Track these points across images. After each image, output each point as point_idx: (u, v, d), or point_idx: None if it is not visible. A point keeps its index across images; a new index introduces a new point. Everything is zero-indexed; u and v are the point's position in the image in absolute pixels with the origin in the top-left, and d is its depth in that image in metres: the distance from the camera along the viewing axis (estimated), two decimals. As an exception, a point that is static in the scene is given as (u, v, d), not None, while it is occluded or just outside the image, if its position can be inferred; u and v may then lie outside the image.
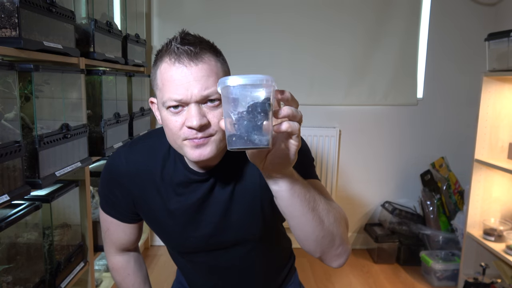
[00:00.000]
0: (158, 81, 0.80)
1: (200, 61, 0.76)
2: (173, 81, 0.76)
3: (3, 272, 1.20)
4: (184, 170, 0.89)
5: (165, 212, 0.93)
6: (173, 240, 0.99)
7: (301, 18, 2.57)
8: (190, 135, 0.78)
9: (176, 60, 0.76)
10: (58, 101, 1.42)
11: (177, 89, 0.76)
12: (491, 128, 2.07)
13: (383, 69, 2.63)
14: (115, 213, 1.00)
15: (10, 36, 1.14)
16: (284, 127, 0.63)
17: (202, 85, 0.76)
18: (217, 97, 0.77)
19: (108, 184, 0.97)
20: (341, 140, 2.72)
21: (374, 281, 2.38)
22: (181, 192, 0.91)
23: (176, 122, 0.79)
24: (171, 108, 0.78)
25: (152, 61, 2.59)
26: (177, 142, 0.81)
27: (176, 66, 0.76)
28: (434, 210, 2.53)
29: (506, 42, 1.87)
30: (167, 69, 0.77)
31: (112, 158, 0.97)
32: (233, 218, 0.92)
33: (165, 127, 0.83)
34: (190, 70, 0.76)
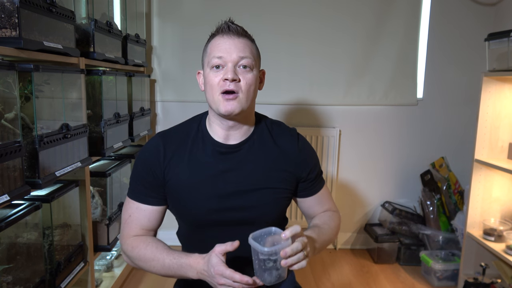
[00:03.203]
0: (208, 49, 1.04)
1: (242, 37, 1.03)
2: (219, 45, 1.02)
3: (3, 272, 1.20)
4: (214, 145, 1.07)
5: (194, 180, 1.05)
6: (194, 209, 1.07)
7: (301, 18, 2.57)
8: (224, 86, 1.00)
9: (225, 33, 1.02)
10: (58, 101, 1.42)
11: (221, 50, 1.01)
12: (491, 128, 2.08)
13: (383, 69, 2.63)
14: (143, 196, 1.08)
15: (10, 36, 1.14)
16: (292, 267, 0.92)
17: (239, 51, 1.01)
18: (249, 65, 1.02)
19: (143, 166, 1.09)
20: (341, 140, 2.72)
21: (374, 281, 2.38)
22: (211, 160, 1.06)
23: (216, 78, 1.01)
24: (214, 68, 1.01)
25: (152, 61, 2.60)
26: (215, 96, 1.01)
27: (224, 36, 1.02)
28: (434, 210, 2.53)
29: (506, 42, 1.87)
30: (217, 39, 1.03)
31: (147, 143, 1.12)
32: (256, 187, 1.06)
33: (206, 85, 1.04)
34: (233, 40, 1.02)
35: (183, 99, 2.67)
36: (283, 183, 1.09)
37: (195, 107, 2.65)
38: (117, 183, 2.03)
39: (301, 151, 1.12)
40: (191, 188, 1.05)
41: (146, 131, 2.43)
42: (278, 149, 1.10)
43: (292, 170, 1.10)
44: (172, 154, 1.07)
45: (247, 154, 1.07)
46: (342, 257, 2.70)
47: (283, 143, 1.11)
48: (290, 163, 1.10)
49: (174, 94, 2.68)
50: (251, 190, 1.05)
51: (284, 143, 1.11)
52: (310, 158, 1.14)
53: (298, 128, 2.64)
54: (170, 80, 2.67)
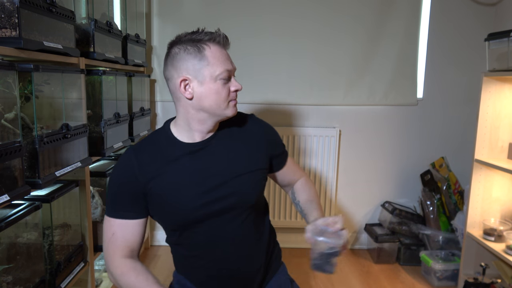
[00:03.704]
0: (210, 59, 1.05)
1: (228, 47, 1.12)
2: (221, 57, 1.06)
3: (3, 272, 1.20)
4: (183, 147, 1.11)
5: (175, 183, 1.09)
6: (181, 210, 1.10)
7: (301, 18, 2.57)
8: (234, 97, 1.10)
9: (224, 43, 1.08)
10: (58, 101, 1.42)
11: (227, 63, 1.07)
12: (491, 128, 2.07)
13: (383, 69, 2.63)
14: (124, 212, 1.09)
15: (10, 36, 1.14)
16: None
17: (231, 61, 1.11)
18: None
19: (119, 185, 1.10)
20: (341, 140, 2.72)
21: (374, 281, 2.38)
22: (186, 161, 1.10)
23: (226, 89, 1.07)
24: (223, 80, 1.06)
25: (152, 61, 2.59)
26: (223, 105, 1.08)
27: (222, 48, 1.08)
28: (434, 210, 2.53)
29: (506, 42, 1.87)
30: (218, 50, 1.07)
31: (121, 160, 1.13)
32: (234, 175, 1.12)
33: (212, 95, 1.06)
34: (225, 51, 1.10)
35: (183, 99, 2.67)
36: (258, 164, 1.17)
37: (195, 107, 2.65)
38: (117, 183, 2.02)
39: (266, 132, 1.22)
40: (173, 191, 1.09)
41: (146, 131, 2.43)
42: (245, 134, 1.18)
43: (264, 150, 1.19)
44: (148, 165, 1.09)
45: (218, 146, 1.13)
46: (342, 257, 2.70)
47: (249, 128, 1.19)
48: (260, 144, 1.19)
49: (174, 94, 2.67)
50: (231, 178, 1.11)
51: (249, 128, 1.19)
52: (275, 135, 1.26)
53: (298, 128, 2.67)
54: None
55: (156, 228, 2.79)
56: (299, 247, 2.73)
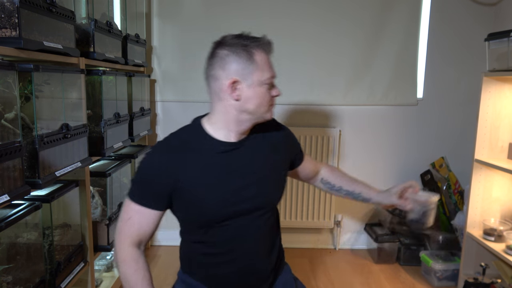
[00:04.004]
0: (259, 64, 1.10)
1: None
2: (268, 63, 1.13)
3: (3, 272, 1.20)
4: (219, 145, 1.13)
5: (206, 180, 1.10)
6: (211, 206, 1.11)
7: (302, 19, 2.57)
8: (273, 101, 1.17)
9: (270, 50, 1.15)
10: (58, 101, 1.42)
11: (272, 70, 1.14)
12: (491, 128, 2.07)
13: (383, 69, 2.63)
14: (145, 200, 1.10)
15: (10, 36, 1.14)
16: None
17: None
18: None
19: (148, 173, 1.10)
20: (341, 140, 2.72)
21: (374, 281, 2.38)
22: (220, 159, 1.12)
23: (269, 94, 1.13)
24: (268, 85, 1.12)
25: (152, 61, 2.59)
26: (263, 108, 1.13)
27: (268, 55, 1.14)
28: (434, 210, 2.53)
29: (506, 42, 1.87)
30: (265, 55, 1.13)
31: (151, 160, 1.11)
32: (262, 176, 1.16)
33: (258, 98, 1.11)
34: (269, 57, 1.15)
35: (183, 99, 2.67)
36: (282, 166, 1.25)
37: (195, 107, 2.65)
38: (117, 183, 2.03)
39: (287, 135, 1.31)
40: (205, 188, 1.10)
41: (146, 131, 2.43)
42: (271, 137, 1.24)
43: (288, 152, 1.29)
44: (182, 159, 1.09)
45: (250, 148, 1.17)
46: (342, 257, 2.70)
47: (273, 131, 1.26)
48: (284, 147, 1.27)
49: (174, 94, 2.68)
50: (259, 179, 1.15)
51: (274, 132, 1.26)
52: (293, 137, 1.35)
53: (298, 128, 2.67)
54: (170, 80, 2.67)
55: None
56: (299, 247, 2.73)
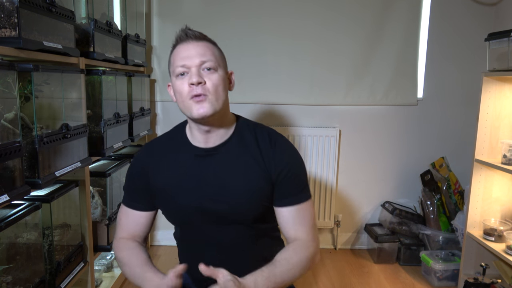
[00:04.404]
0: (171, 59, 1.07)
1: (201, 41, 1.05)
2: (180, 53, 1.04)
3: (3, 272, 1.20)
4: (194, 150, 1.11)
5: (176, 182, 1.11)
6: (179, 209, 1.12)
7: (302, 19, 2.57)
8: (192, 91, 1.01)
9: (183, 40, 1.05)
10: (58, 101, 1.42)
11: (183, 58, 1.03)
12: (491, 128, 2.07)
13: (383, 69, 2.63)
14: (130, 202, 1.17)
15: (10, 36, 1.14)
16: None
17: (200, 55, 1.03)
18: (212, 66, 1.03)
19: (130, 175, 1.18)
20: (341, 140, 2.72)
21: (374, 281, 2.38)
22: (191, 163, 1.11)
23: (183, 84, 1.03)
24: (179, 76, 1.03)
25: (152, 61, 2.60)
26: (185, 103, 1.03)
27: (184, 44, 1.05)
28: (434, 210, 2.53)
29: (506, 42, 1.87)
30: (178, 48, 1.05)
31: (137, 153, 1.22)
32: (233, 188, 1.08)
33: (176, 94, 1.06)
34: (192, 45, 1.04)
35: (183, 99, 2.67)
36: (260, 184, 1.08)
37: (195, 107, 2.65)
38: (117, 183, 2.03)
39: (274, 147, 1.09)
40: (174, 191, 1.11)
41: (146, 131, 2.43)
42: (258, 150, 1.10)
43: (264, 166, 1.08)
44: (157, 161, 1.14)
45: (226, 156, 1.09)
46: (342, 257, 2.70)
47: (261, 142, 1.11)
48: (263, 160, 1.08)
49: (174, 94, 2.67)
50: (228, 191, 1.08)
51: (261, 143, 1.11)
52: (285, 156, 1.09)
53: (298, 128, 2.67)
54: (170, 80, 2.67)
55: (156, 228, 2.79)
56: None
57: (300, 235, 1.09)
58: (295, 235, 1.09)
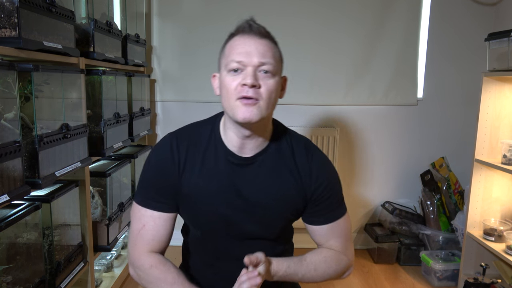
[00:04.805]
0: (226, 50, 0.96)
1: (264, 39, 0.95)
2: (238, 46, 0.93)
3: (3, 272, 1.20)
4: (225, 154, 1.01)
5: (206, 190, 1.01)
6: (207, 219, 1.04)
7: (302, 18, 2.57)
8: (242, 91, 0.91)
9: (245, 33, 0.94)
10: (58, 101, 1.42)
11: (241, 54, 0.92)
12: (491, 128, 2.07)
13: (383, 69, 2.63)
14: (157, 203, 1.02)
15: (10, 36, 1.14)
16: None
17: (261, 54, 0.92)
18: (271, 70, 0.93)
19: (157, 169, 1.03)
20: (341, 140, 2.72)
21: (374, 281, 2.38)
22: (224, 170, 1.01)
23: (234, 82, 0.92)
24: (232, 72, 0.93)
25: (152, 61, 2.59)
26: (231, 102, 0.93)
27: (245, 37, 0.94)
28: (434, 210, 2.53)
29: (506, 42, 1.87)
30: (236, 40, 0.95)
31: (160, 146, 1.05)
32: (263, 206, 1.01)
33: (223, 89, 0.95)
34: (254, 41, 0.93)
35: (183, 99, 2.67)
36: (292, 198, 1.02)
37: (195, 107, 2.66)
38: (117, 183, 2.03)
39: (311, 161, 1.03)
40: (202, 196, 1.01)
41: (146, 131, 2.43)
42: (294, 162, 1.03)
43: (300, 181, 1.02)
44: (186, 158, 1.01)
45: (260, 169, 1.01)
46: (342, 257, 2.70)
47: (297, 155, 1.04)
48: (299, 173, 1.02)
49: (174, 94, 2.67)
50: (259, 206, 1.01)
51: (297, 155, 1.04)
52: (322, 171, 1.03)
53: (298, 128, 2.67)
54: (170, 80, 2.67)
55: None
56: (299, 247, 2.72)
57: (336, 248, 1.08)
58: (330, 247, 1.08)
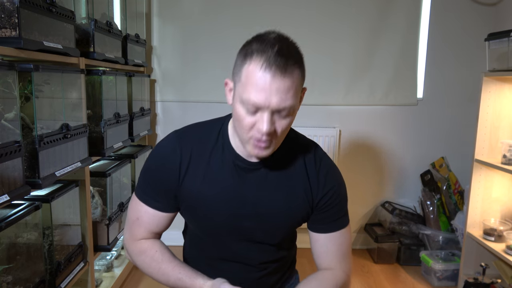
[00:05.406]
0: (243, 76, 0.85)
1: (287, 75, 0.82)
2: (257, 85, 0.82)
3: (3, 272, 1.20)
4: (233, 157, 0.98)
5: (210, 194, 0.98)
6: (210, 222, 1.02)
7: (302, 19, 2.57)
8: (257, 137, 0.86)
9: (267, 68, 0.81)
10: (58, 101, 1.42)
11: (259, 94, 0.81)
12: (491, 128, 2.07)
13: (383, 69, 2.63)
14: (153, 201, 1.01)
15: (10, 36, 1.14)
16: None
17: (281, 97, 0.82)
18: (289, 112, 0.86)
19: (158, 169, 1.00)
20: (341, 140, 2.72)
21: (374, 281, 2.38)
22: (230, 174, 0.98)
23: (248, 122, 0.85)
24: (249, 108, 0.84)
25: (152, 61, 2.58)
26: (243, 135, 0.88)
27: (265, 73, 0.81)
28: (434, 210, 2.53)
29: (506, 42, 1.87)
30: (255, 71, 0.82)
31: (163, 145, 1.01)
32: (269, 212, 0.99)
33: (235, 117, 0.89)
34: (275, 80, 0.81)
35: (183, 99, 2.67)
36: (299, 205, 1.00)
37: (196, 107, 2.66)
38: (117, 183, 2.03)
39: (319, 168, 1.01)
40: (206, 200, 0.99)
41: (146, 131, 2.43)
42: (304, 169, 1.00)
43: (308, 188, 1.00)
44: (190, 160, 0.98)
45: (267, 175, 0.98)
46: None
47: (306, 161, 1.01)
48: (308, 180, 1.00)
49: (174, 94, 2.67)
50: (266, 213, 0.99)
51: (307, 161, 1.01)
52: (330, 179, 1.01)
53: (298, 128, 2.64)
54: (170, 80, 2.67)
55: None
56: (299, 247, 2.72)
57: (333, 265, 1.05)
58: (326, 265, 1.05)
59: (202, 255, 1.12)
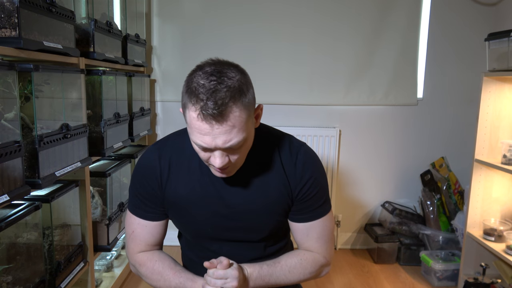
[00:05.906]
0: (187, 118, 0.86)
1: (225, 119, 0.82)
2: (200, 131, 0.84)
3: (3, 272, 1.20)
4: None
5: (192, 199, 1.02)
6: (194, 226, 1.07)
7: (302, 19, 2.57)
8: (215, 166, 0.89)
9: (203, 119, 0.82)
10: (58, 101, 1.42)
11: (204, 138, 0.84)
12: (491, 128, 2.07)
13: (383, 69, 2.63)
14: (143, 212, 1.06)
15: (10, 36, 1.14)
16: None
17: (226, 138, 0.84)
18: (241, 144, 0.87)
19: (140, 181, 1.05)
20: (341, 140, 2.72)
21: (374, 281, 2.38)
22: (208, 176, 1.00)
23: (204, 155, 0.90)
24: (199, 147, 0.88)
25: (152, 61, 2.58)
26: (205, 162, 0.93)
27: (203, 123, 0.82)
28: (434, 210, 2.53)
29: (506, 42, 1.87)
30: (195, 119, 0.83)
31: (143, 157, 1.06)
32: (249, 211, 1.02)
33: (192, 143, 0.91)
34: (214, 127, 0.82)
35: (183, 99, 2.67)
36: (278, 199, 1.02)
37: (195, 107, 2.65)
38: (117, 183, 2.03)
39: (296, 159, 1.01)
40: (188, 206, 1.03)
41: (146, 131, 2.43)
42: (280, 162, 1.01)
43: (286, 181, 1.01)
44: (169, 167, 1.02)
45: (245, 175, 1.00)
46: (342, 257, 2.70)
47: (282, 154, 1.02)
48: (285, 173, 1.01)
49: (174, 94, 2.67)
50: (244, 211, 1.01)
51: (283, 154, 1.02)
52: (307, 169, 1.01)
53: (298, 128, 2.67)
54: (170, 80, 2.67)
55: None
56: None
57: (314, 249, 1.07)
58: (308, 248, 1.07)
59: (197, 257, 1.13)
